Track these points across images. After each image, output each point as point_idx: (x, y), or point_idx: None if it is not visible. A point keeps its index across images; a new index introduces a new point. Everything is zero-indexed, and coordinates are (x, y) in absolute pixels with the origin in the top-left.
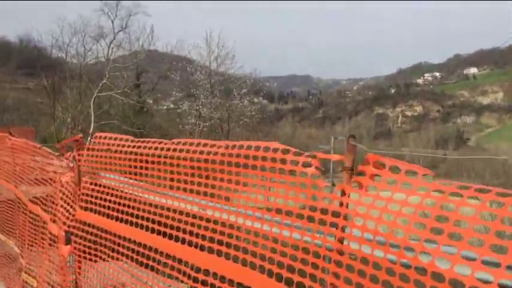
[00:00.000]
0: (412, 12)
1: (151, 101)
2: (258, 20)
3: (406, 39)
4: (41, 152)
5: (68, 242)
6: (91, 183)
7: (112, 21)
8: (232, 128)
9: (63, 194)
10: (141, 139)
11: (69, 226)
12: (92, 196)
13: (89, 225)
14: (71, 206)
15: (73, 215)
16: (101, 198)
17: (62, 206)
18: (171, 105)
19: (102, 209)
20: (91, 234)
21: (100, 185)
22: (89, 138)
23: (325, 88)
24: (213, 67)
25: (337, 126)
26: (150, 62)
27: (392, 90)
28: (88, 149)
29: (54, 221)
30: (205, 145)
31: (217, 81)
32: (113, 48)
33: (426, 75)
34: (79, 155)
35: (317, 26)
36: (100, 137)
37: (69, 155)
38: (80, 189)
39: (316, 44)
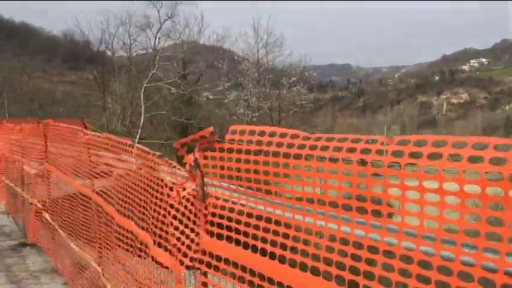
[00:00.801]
0: None
1: (198, 92)
2: (294, 8)
3: (450, 25)
4: (135, 151)
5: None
6: (218, 198)
7: (158, 11)
8: (282, 118)
9: (181, 212)
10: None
11: (192, 259)
12: (223, 217)
13: (220, 259)
14: (194, 231)
15: (197, 244)
16: (237, 221)
17: (178, 229)
18: (218, 96)
19: (240, 237)
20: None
21: (233, 202)
22: (139, 130)
23: (365, 77)
24: (261, 55)
25: (379, 115)
26: (196, 53)
27: (436, 78)
28: (221, 150)
29: (168, 250)
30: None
31: (265, 69)
32: (159, 38)
33: (472, 61)
34: (204, 157)
35: (355, 13)
36: (235, 132)
37: (191, 158)
38: (205, 207)
39: (356, 32)
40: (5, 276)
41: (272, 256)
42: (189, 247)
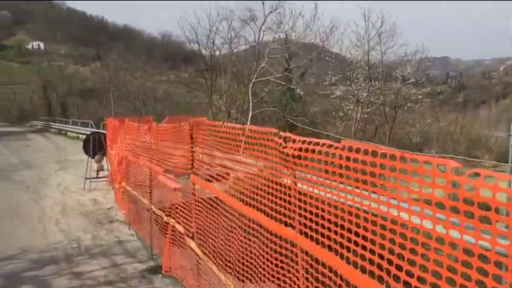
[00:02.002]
0: None
1: (304, 87)
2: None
3: None
4: None
5: None
6: None
7: (263, 3)
8: (398, 114)
9: None
10: None
11: None
12: None
13: None
14: None
15: None
16: None
17: None
18: (324, 91)
19: None
20: None
21: None
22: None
23: (465, 70)
24: (371, 45)
25: (482, 110)
26: (301, 46)
27: None
28: None
29: None
30: None
31: (377, 61)
32: (264, 31)
33: None
34: None
35: (453, 2)
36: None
37: None
38: None
39: (453, 23)
40: None
41: None
42: None
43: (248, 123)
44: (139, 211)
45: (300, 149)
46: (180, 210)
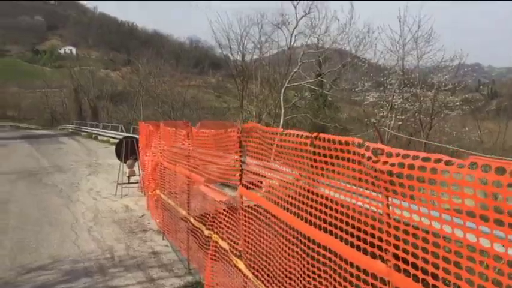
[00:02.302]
0: None
1: (335, 92)
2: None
3: None
4: None
5: None
6: None
7: (295, 7)
8: (435, 122)
9: None
10: None
11: None
12: None
13: None
14: None
15: None
16: None
17: None
18: (357, 97)
19: None
20: None
21: None
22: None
23: (498, 77)
24: (406, 51)
25: None
26: (334, 50)
27: None
28: None
29: None
30: None
31: (412, 66)
32: (295, 36)
33: None
34: None
35: (485, 7)
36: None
37: None
38: None
39: (486, 29)
40: None
41: None
42: None
43: (280, 126)
44: (174, 221)
45: (401, 165)
46: (225, 225)
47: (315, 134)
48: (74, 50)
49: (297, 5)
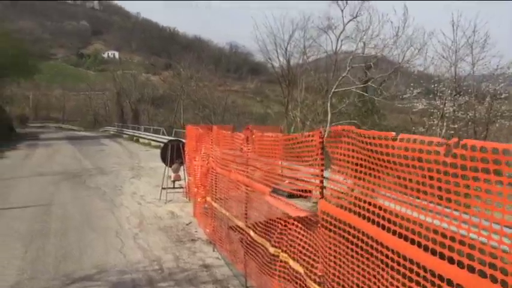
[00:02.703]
0: None
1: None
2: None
3: None
4: None
5: None
6: None
7: (342, 10)
8: (490, 132)
9: None
10: None
11: None
12: None
13: None
14: None
15: None
16: None
17: None
18: (405, 104)
19: None
20: None
21: None
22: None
23: None
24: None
25: None
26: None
27: None
28: None
29: None
30: None
31: (464, 73)
32: (342, 40)
33: None
34: None
35: None
36: None
37: None
38: None
39: None
40: None
41: None
42: None
43: (325, 135)
44: (227, 232)
45: None
46: (298, 244)
47: (455, 139)
48: (116, 54)
49: (344, 9)
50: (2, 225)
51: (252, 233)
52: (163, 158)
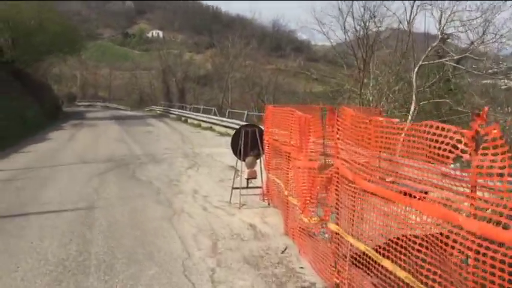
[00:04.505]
0: None
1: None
2: None
3: None
4: None
5: None
6: None
7: None
8: None
9: None
10: None
11: None
12: None
13: None
14: None
15: None
16: None
17: None
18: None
19: None
20: None
21: None
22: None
23: None
24: None
25: None
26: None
27: None
28: None
29: None
30: None
31: None
32: (418, 7)
33: None
34: None
35: None
36: None
37: None
38: None
39: None
40: None
41: None
42: None
43: (411, 112)
44: (367, 278)
45: None
46: None
47: None
48: (161, 34)
49: None
50: (24, 248)
51: (351, 239)
52: (234, 149)
